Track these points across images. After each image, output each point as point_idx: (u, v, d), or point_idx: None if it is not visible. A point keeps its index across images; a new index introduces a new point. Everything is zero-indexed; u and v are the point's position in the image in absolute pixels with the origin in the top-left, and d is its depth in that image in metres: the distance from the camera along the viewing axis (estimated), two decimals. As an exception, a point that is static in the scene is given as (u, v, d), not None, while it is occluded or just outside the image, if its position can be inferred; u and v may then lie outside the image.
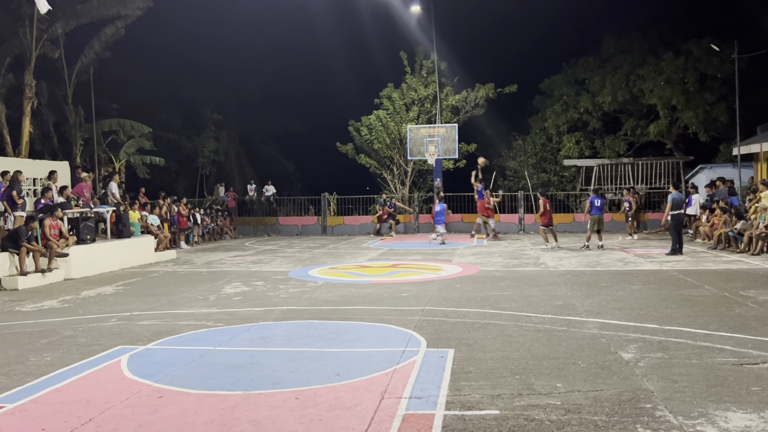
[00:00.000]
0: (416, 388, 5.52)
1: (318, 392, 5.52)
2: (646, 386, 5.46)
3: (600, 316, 8.46)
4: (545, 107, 32.36)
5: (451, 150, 26.08)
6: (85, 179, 17.66)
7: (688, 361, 6.23)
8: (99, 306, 10.20)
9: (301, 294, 10.89)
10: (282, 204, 29.74)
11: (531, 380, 5.71)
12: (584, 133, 31.14)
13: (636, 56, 29.15)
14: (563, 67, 32.26)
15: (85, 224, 14.89)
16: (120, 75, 27.85)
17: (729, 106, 26.01)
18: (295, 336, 7.75)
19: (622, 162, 27.84)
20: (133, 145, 26.92)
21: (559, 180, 31.29)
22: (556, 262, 14.70)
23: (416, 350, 6.83)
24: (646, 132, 29.64)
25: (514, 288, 11.04)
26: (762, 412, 4.81)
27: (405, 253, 17.62)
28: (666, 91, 27.55)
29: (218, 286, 12.12)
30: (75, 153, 24.64)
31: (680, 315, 8.39)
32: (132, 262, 15.95)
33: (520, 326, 7.92)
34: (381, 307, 9.39)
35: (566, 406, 5.03)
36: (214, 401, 5.36)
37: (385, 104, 28.72)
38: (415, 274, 13.20)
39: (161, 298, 10.78)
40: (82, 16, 23.46)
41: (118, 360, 6.77)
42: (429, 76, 28.86)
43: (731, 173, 23.88)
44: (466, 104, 29.12)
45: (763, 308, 8.71)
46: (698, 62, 27.30)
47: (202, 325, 8.46)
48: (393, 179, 29.23)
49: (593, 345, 6.92)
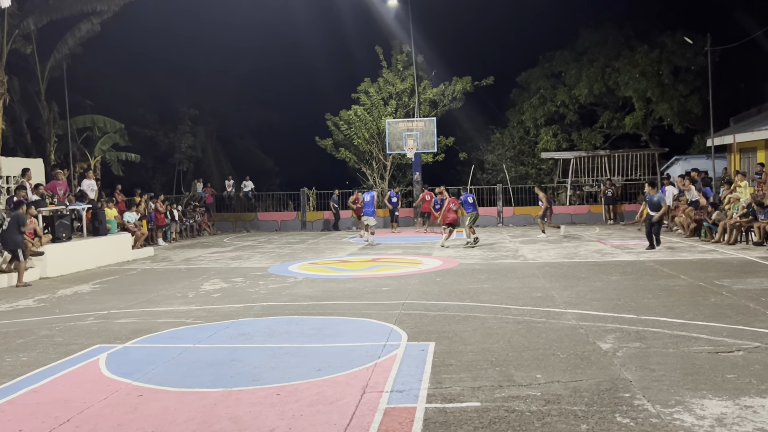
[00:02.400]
0: (397, 382, 5.53)
1: (299, 388, 5.51)
2: (624, 376, 5.53)
3: (578, 307, 8.54)
4: (522, 100, 32.55)
5: (430, 144, 26.13)
6: (60, 176, 17.40)
7: (665, 350, 6.32)
8: (76, 305, 10.07)
9: (281, 290, 10.85)
10: (261, 199, 29.58)
11: (511, 372, 5.75)
12: (561, 126, 31.37)
13: (611, 49, 29.41)
14: (539, 60, 32.45)
15: (60, 222, 14.67)
16: (94, 70, 27.43)
17: (702, 98, 26.35)
18: (275, 332, 7.73)
19: (599, 154, 28.12)
20: (108, 141, 26.56)
21: (537, 173, 31.50)
22: (535, 254, 14.81)
23: (397, 344, 6.84)
24: (622, 124, 29.95)
25: (493, 280, 11.11)
26: (737, 399, 4.89)
27: (385, 248, 17.63)
28: (641, 83, 27.84)
29: (197, 283, 12.03)
30: (49, 150, 24.27)
31: (657, 305, 8.50)
32: (109, 259, 15.76)
33: (499, 318, 7.97)
34: (361, 302, 9.39)
35: (546, 396, 5.07)
36: (195, 399, 5.33)
37: (362, 99, 28.68)
38: (395, 268, 13.21)
39: (139, 296, 10.67)
40: (56, 11, 23.04)
41: (96, 359, 6.69)
42: (405, 70, 28.85)
43: (706, 164, 24.24)
44: (443, 98, 29.18)
45: (738, 297, 8.86)
46: (672, 55, 27.62)
47: (181, 323, 8.39)
48: (372, 173, 29.21)
49: (572, 336, 6.98)
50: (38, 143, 25.12)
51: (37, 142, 25.16)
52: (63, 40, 24.07)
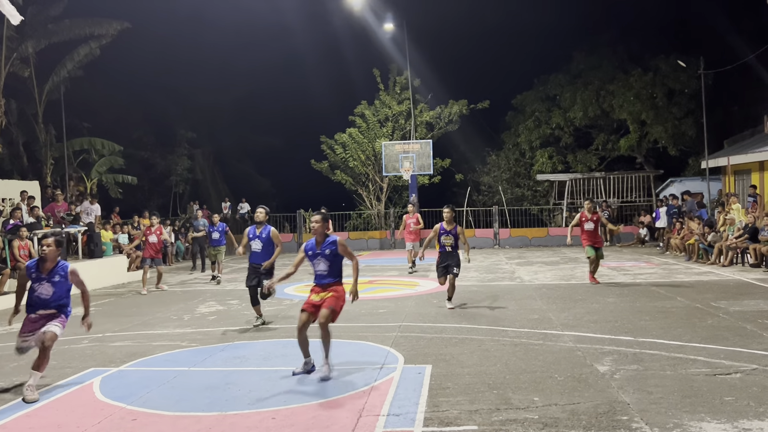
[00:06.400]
0: (394, 405, 5.49)
1: (295, 411, 5.46)
2: (622, 398, 5.50)
3: (575, 329, 8.52)
4: (518, 123, 32.73)
5: (426, 165, 26.21)
6: (59, 198, 17.41)
7: (663, 372, 6.29)
8: (70, 327, 9.92)
9: (276, 312, 10.80)
10: (257, 221, 29.48)
11: (508, 395, 5.72)
12: (556, 148, 31.53)
13: (606, 72, 29.66)
14: (534, 83, 32.69)
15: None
16: (92, 93, 27.58)
17: (696, 120, 26.55)
18: (271, 355, 7.68)
19: (594, 176, 28.23)
20: (105, 163, 26.62)
21: (533, 194, 31.59)
22: (532, 276, 14.79)
23: (394, 367, 6.81)
24: (617, 146, 30.10)
25: (490, 302, 11.08)
26: (735, 421, 4.87)
27: (381, 269, 17.60)
28: (635, 106, 28.05)
29: (192, 305, 11.97)
30: (45, 172, 24.27)
31: (654, 327, 8.48)
32: (104, 282, 15.71)
33: (496, 341, 7.94)
34: (358, 324, 9.35)
35: (544, 419, 5.04)
36: (189, 423, 5.28)
37: (358, 122, 28.82)
38: (391, 290, 13.18)
39: (134, 319, 10.61)
40: (54, 35, 23.26)
41: (90, 382, 6.64)
42: (402, 92, 29.05)
43: (700, 186, 24.35)
44: (440, 120, 29.35)
45: (734, 319, 8.85)
46: (666, 78, 27.87)
47: (176, 346, 8.34)
48: (369, 195, 29.25)
49: (569, 358, 6.96)
50: (35, 165, 25.13)
51: (34, 165, 25.17)
52: (62, 63, 24.24)
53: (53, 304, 6.63)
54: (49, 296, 6.58)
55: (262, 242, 9.64)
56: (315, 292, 6.79)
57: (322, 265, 6.78)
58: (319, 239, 6.84)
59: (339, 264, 6.87)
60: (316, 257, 6.81)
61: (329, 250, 6.75)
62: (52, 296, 6.59)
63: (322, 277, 6.80)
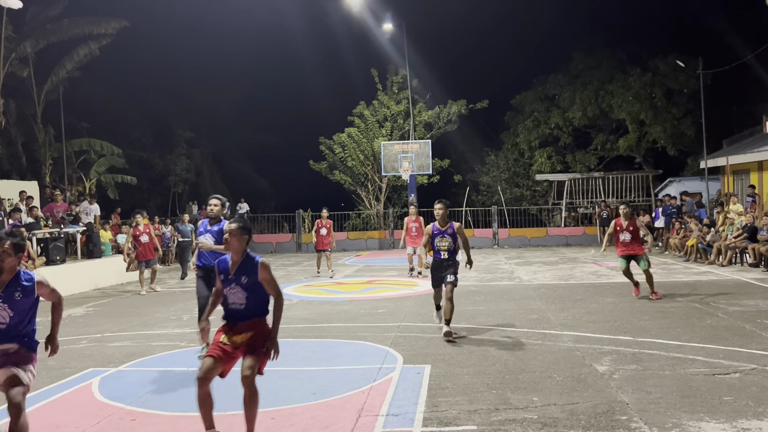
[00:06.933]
0: (393, 406, 5.49)
1: (294, 411, 5.46)
2: (621, 398, 5.50)
3: (574, 329, 8.52)
4: (516, 123, 32.76)
5: (425, 165, 26.22)
6: (58, 198, 17.41)
7: (662, 372, 6.29)
8: (69, 328, 9.98)
9: (276, 312, 10.78)
10: (256, 221, 29.54)
11: (507, 395, 5.72)
12: (555, 148, 31.56)
13: (605, 72, 29.69)
14: (533, 84, 32.72)
15: (54, 245, 14.63)
16: (90, 93, 27.59)
17: (695, 120, 26.58)
18: (270, 355, 7.65)
19: (593, 176, 28.25)
20: (104, 164, 26.61)
21: (532, 194, 31.62)
22: (531, 276, 14.80)
23: (393, 367, 6.80)
24: (616, 146, 30.14)
25: (489, 302, 11.08)
26: (734, 421, 4.87)
27: (380, 269, 17.60)
28: (634, 106, 28.07)
29: (191, 305, 11.94)
30: (44, 172, 24.27)
31: (653, 326, 8.49)
32: (103, 282, 15.70)
33: (495, 341, 7.94)
34: (357, 324, 9.34)
35: (543, 419, 5.04)
36: (188, 423, 5.28)
37: (357, 122, 28.83)
38: (390, 290, 13.18)
39: (133, 319, 10.60)
40: (53, 35, 23.25)
41: (89, 383, 6.63)
42: (401, 92, 29.05)
43: (699, 186, 24.38)
44: (438, 120, 29.36)
45: (733, 318, 8.86)
46: (665, 78, 27.89)
47: (175, 346, 8.34)
48: (368, 195, 29.26)
49: (568, 358, 6.96)
50: (33, 166, 25.13)
51: (33, 165, 25.17)
52: (61, 63, 24.23)
53: (12, 334, 4.42)
54: (4, 323, 4.37)
55: (213, 238, 7.93)
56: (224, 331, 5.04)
57: (238, 295, 4.89)
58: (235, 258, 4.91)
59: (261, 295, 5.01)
60: (229, 284, 4.89)
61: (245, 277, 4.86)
62: (9, 322, 4.39)
63: (236, 311, 4.96)
